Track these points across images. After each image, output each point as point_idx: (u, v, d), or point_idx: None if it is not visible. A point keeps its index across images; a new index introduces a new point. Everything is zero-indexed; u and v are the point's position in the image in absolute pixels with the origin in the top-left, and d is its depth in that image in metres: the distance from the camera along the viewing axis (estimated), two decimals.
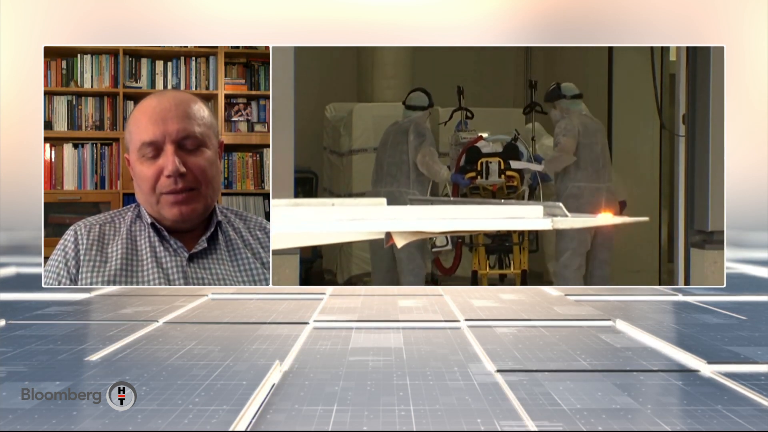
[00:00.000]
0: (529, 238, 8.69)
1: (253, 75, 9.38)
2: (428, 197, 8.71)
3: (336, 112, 10.60)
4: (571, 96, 8.70)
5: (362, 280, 9.96)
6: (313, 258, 10.51)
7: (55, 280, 4.44)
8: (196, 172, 4.45)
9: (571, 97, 8.70)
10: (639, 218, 6.12)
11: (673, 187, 8.63)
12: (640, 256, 9.76)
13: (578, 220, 4.77)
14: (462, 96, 9.17)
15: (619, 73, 10.12)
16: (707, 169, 8.09)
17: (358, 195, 9.96)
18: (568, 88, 8.73)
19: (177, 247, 4.49)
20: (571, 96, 8.70)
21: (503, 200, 8.34)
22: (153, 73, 9.22)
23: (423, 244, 8.67)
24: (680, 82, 8.39)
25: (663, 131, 9.50)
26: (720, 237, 8.09)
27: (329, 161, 10.72)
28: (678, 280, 8.34)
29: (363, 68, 11.06)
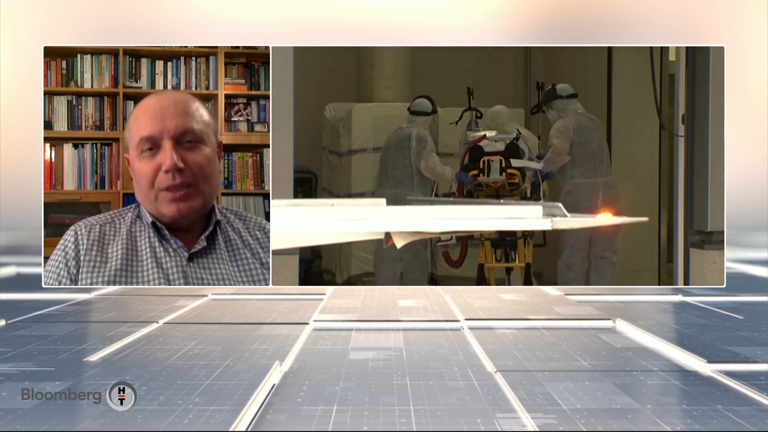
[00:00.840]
0: (535, 233, 8.79)
1: (253, 75, 9.38)
2: (428, 198, 8.81)
3: (335, 112, 10.60)
4: (566, 96, 8.87)
5: (361, 280, 9.96)
6: (312, 258, 10.51)
7: (55, 280, 4.44)
8: (194, 168, 4.45)
9: (567, 96, 8.87)
10: (638, 218, 6.16)
11: (673, 187, 8.63)
12: (639, 256, 9.77)
13: (577, 220, 4.78)
14: (471, 96, 9.39)
15: (618, 73, 10.12)
16: (706, 169, 8.10)
17: (357, 195, 9.96)
18: (563, 88, 8.88)
19: (177, 247, 4.50)
20: (566, 96, 8.87)
21: (503, 199, 8.51)
22: (153, 73, 9.22)
23: (427, 241, 8.78)
24: (680, 82, 8.39)
25: (662, 131, 9.51)
26: (719, 237, 8.09)
27: (328, 161, 10.72)
28: (677, 280, 8.34)
29: (362, 68, 11.06)
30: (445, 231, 4.80)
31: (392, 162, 9.06)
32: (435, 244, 9.06)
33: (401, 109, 9.82)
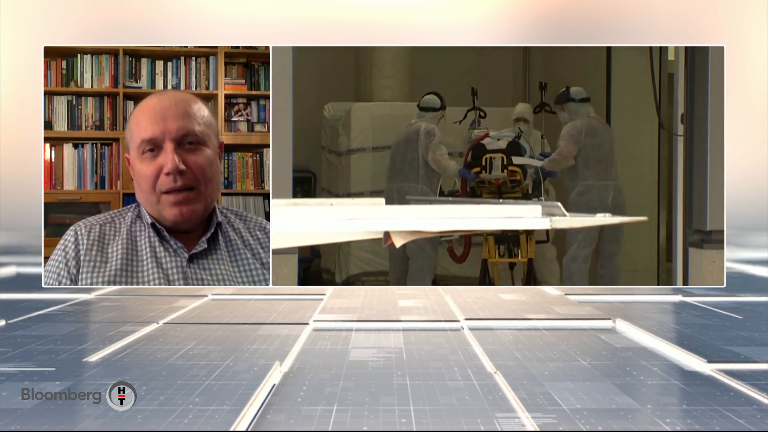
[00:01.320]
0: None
1: (253, 75, 9.38)
2: (427, 197, 8.90)
3: (334, 111, 10.59)
4: (579, 99, 9.00)
5: (360, 279, 9.96)
6: (311, 258, 10.51)
7: (56, 280, 4.43)
8: (195, 171, 4.45)
9: (580, 100, 9.00)
10: (637, 218, 6.21)
11: (672, 186, 8.64)
12: (638, 255, 9.77)
13: (576, 219, 4.79)
14: (476, 96, 9.56)
15: (617, 73, 10.13)
16: (705, 168, 8.10)
17: (356, 194, 9.97)
18: (577, 92, 9.02)
19: (177, 248, 4.49)
20: (579, 99, 9.00)
21: (505, 195, 8.76)
22: (153, 73, 9.22)
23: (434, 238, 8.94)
24: (679, 82, 8.40)
25: (661, 131, 9.51)
26: (718, 237, 8.10)
27: (327, 161, 10.71)
28: (676, 280, 8.35)
29: (361, 68, 11.05)
30: (444, 230, 4.81)
31: (401, 156, 9.26)
32: (440, 241, 9.21)
33: (400, 108, 9.81)
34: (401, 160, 9.24)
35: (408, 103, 10.01)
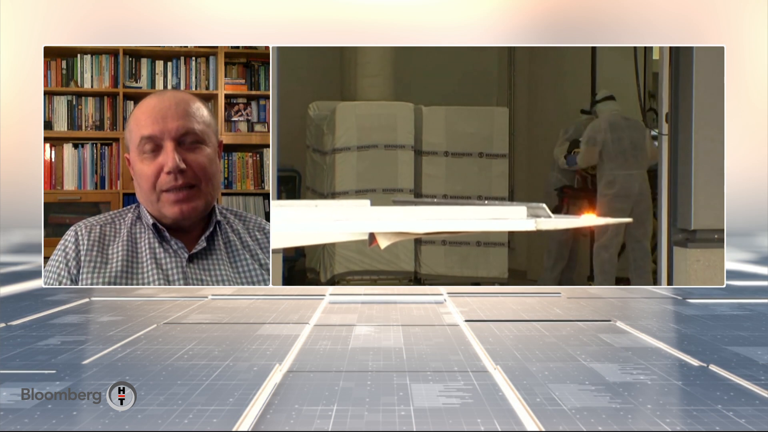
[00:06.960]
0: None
1: (253, 75, 9.38)
2: (411, 199, 9.00)
3: (319, 110, 10.53)
4: (601, 99, 9.17)
5: (345, 279, 9.91)
6: (296, 257, 10.47)
7: (56, 280, 4.44)
8: (195, 169, 4.46)
9: (601, 99, 9.17)
10: (622, 219, 6.32)
11: (656, 185, 8.67)
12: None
13: (561, 221, 4.82)
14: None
15: (602, 72, 10.15)
16: (690, 167, 8.14)
17: (341, 194, 9.92)
18: (600, 93, 9.23)
19: (177, 248, 4.50)
20: (601, 99, 9.17)
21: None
22: (153, 73, 9.22)
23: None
24: (663, 81, 8.43)
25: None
26: (703, 236, 8.12)
27: (312, 160, 10.65)
28: (661, 280, 8.34)
29: (346, 67, 10.98)
30: (430, 231, 4.83)
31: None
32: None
33: (385, 108, 9.77)
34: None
35: (393, 102, 9.96)
